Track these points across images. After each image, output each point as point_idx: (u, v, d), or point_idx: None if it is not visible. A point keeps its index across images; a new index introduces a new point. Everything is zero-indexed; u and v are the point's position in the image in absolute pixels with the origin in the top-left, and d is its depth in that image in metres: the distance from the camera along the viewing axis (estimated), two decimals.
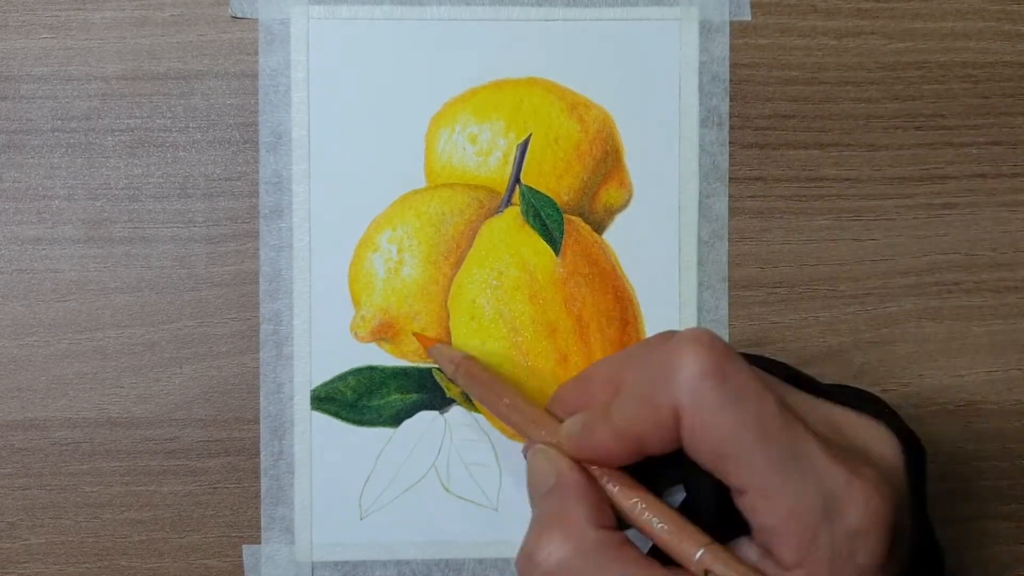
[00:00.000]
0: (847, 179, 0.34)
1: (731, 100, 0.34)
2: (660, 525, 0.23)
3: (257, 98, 0.34)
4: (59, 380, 0.33)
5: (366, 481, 0.34)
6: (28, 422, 0.33)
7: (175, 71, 0.34)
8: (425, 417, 0.34)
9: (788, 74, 0.34)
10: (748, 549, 0.23)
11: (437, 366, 0.34)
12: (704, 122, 0.34)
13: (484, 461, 0.34)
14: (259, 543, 0.33)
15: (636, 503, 0.24)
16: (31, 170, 0.34)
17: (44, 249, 0.34)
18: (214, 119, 0.34)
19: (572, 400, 0.27)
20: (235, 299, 0.34)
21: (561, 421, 0.26)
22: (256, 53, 0.34)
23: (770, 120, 0.34)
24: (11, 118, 0.34)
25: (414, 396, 0.34)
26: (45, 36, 0.34)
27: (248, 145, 0.34)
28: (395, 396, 0.34)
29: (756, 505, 0.22)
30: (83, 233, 0.34)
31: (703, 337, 0.23)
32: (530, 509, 0.26)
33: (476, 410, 0.34)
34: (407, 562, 0.34)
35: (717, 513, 0.24)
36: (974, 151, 0.35)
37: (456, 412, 0.34)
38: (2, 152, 0.34)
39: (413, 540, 0.34)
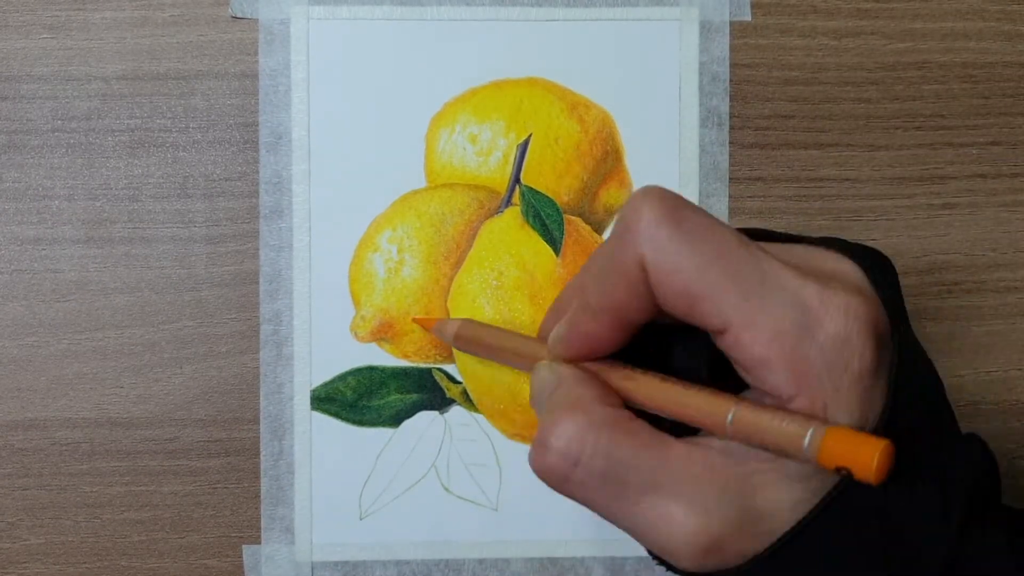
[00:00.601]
0: (847, 179, 0.34)
1: (731, 100, 0.34)
2: (680, 396, 0.23)
3: (257, 98, 0.34)
4: (59, 380, 0.33)
5: (366, 481, 0.34)
6: (28, 422, 0.33)
7: (175, 71, 0.34)
8: (425, 417, 0.34)
9: (788, 74, 0.34)
10: None
11: (437, 366, 0.34)
12: (704, 122, 0.34)
13: (484, 461, 0.34)
14: (259, 543, 0.33)
15: (648, 380, 0.24)
16: (31, 170, 0.34)
17: (44, 249, 0.34)
18: (214, 119, 0.34)
19: (553, 320, 0.27)
20: (235, 299, 0.34)
21: None
22: (256, 53, 0.34)
23: (770, 120, 0.34)
24: (11, 118, 0.34)
25: (414, 396, 0.34)
26: (45, 36, 0.34)
27: (248, 145, 0.34)
28: (395, 396, 0.34)
29: (739, 339, 0.22)
30: (83, 233, 0.34)
31: (653, 190, 0.23)
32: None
33: (476, 410, 0.34)
34: (407, 562, 0.34)
35: (710, 379, 0.24)
36: (974, 151, 0.35)
37: (456, 412, 0.34)
38: (2, 152, 0.34)
39: (413, 540, 0.34)
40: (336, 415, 0.34)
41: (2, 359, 0.33)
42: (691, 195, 0.34)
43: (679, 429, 0.23)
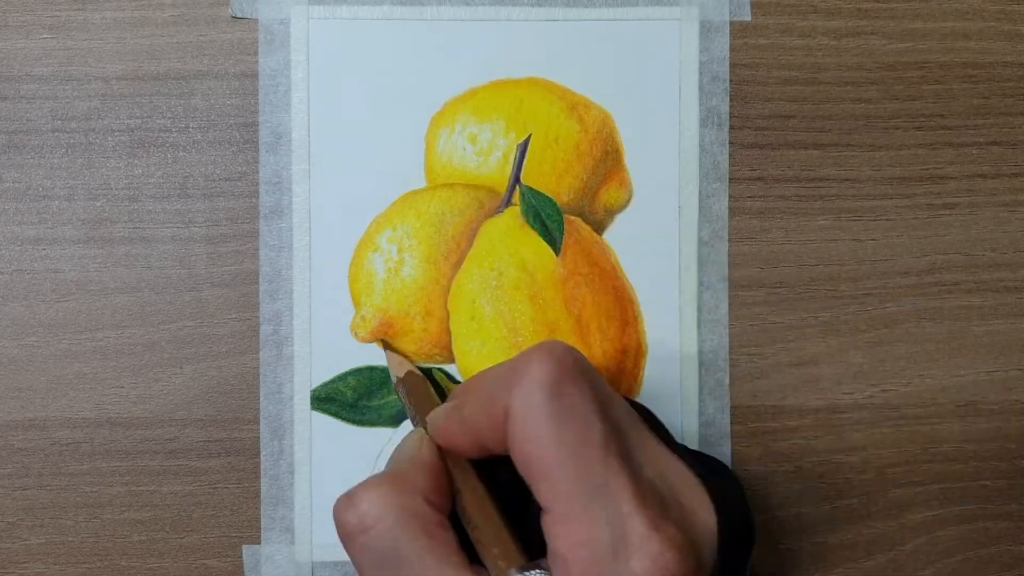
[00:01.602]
0: (847, 179, 0.34)
1: (731, 100, 0.34)
2: (480, 524, 0.24)
3: (257, 98, 0.34)
4: (59, 380, 0.33)
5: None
6: (28, 422, 0.33)
7: (175, 71, 0.34)
8: None
9: (788, 74, 0.34)
10: None
11: (437, 366, 0.34)
12: (704, 122, 0.34)
13: None
14: (259, 543, 0.33)
15: (468, 491, 0.24)
16: (31, 170, 0.34)
17: (44, 249, 0.34)
18: (214, 119, 0.34)
19: (460, 390, 0.28)
20: (235, 299, 0.34)
21: None
22: (256, 53, 0.34)
23: (770, 120, 0.34)
24: (11, 118, 0.34)
25: None
26: (45, 36, 0.34)
27: (248, 145, 0.34)
28: (395, 396, 0.34)
29: (553, 528, 0.22)
30: (83, 233, 0.34)
31: (556, 349, 0.23)
32: None
33: None
34: None
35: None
36: (974, 151, 0.35)
37: None
38: (2, 152, 0.34)
39: None
40: (336, 415, 0.34)
41: (2, 359, 0.33)
42: (691, 195, 0.34)
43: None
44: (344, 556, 0.33)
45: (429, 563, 0.22)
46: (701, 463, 0.25)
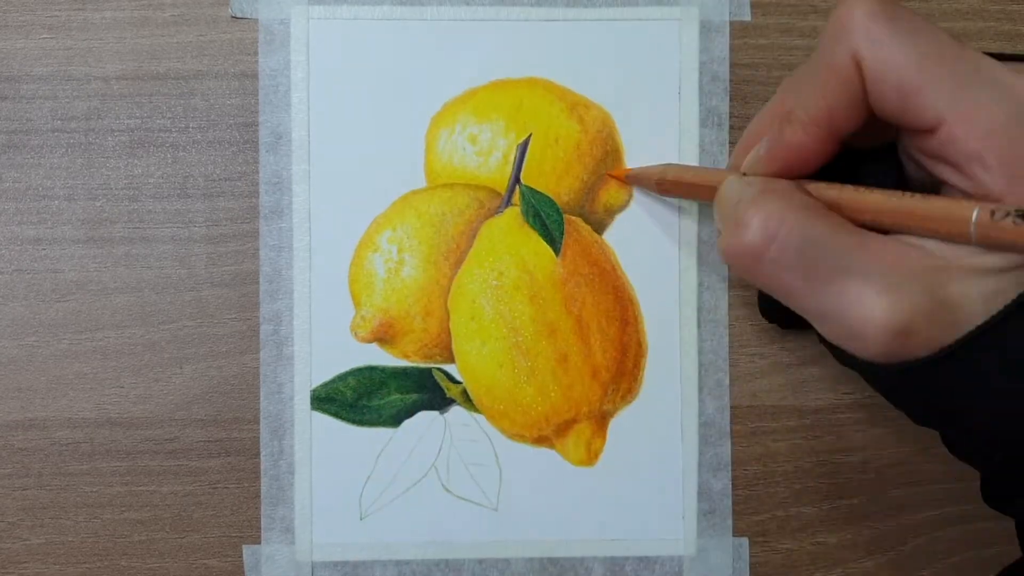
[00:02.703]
0: None
1: (731, 100, 0.34)
2: (909, 202, 0.23)
3: (257, 98, 0.34)
4: (59, 380, 0.33)
5: (366, 481, 0.34)
6: (28, 422, 0.33)
7: (175, 71, 0.34)
8: (425, 417, 0.34)
9: (788, 74, 0.34)
10: None
11: (437, 366, 0.34)
12: (704, 122, 0.34)
13: (484, 461, 0.34)
14: (259, 543, 0.33)
15: (860, 190, 0.23)
16: (31, 170, 0.34)
17: (44, 249, 0.34)
18: (214, 119, 0.34)
19: (743, 151, 0.26)
20: (235, 299, 0.34)
21: None
22: (256, 53, 0.34)
23: None
24: (11, 118, 0.34)
25: (414, 396, 0.34)
26: (45, 36, 0.34)
27: (248, 145, 0.34)
28: (395, 396, 0.34)
29: (952, 134, 0.21)
30: (83, 233, 0.34)
31: None
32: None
33: (476, 410, 0.34)
34: (407, 562, 0.34)
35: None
36: None
37: (456, 412, 0.34)
38: (2, 152, 0.34)
39: (413, 540, 0.34)
40: (336, 415, 0.34)
41: (2, 359, 0.33)
42: None
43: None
44: (344, 556, 0.33)
45: (848, 240, 0.22)
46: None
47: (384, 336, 0.34)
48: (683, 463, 0.34)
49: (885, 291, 0.21)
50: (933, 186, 0.24)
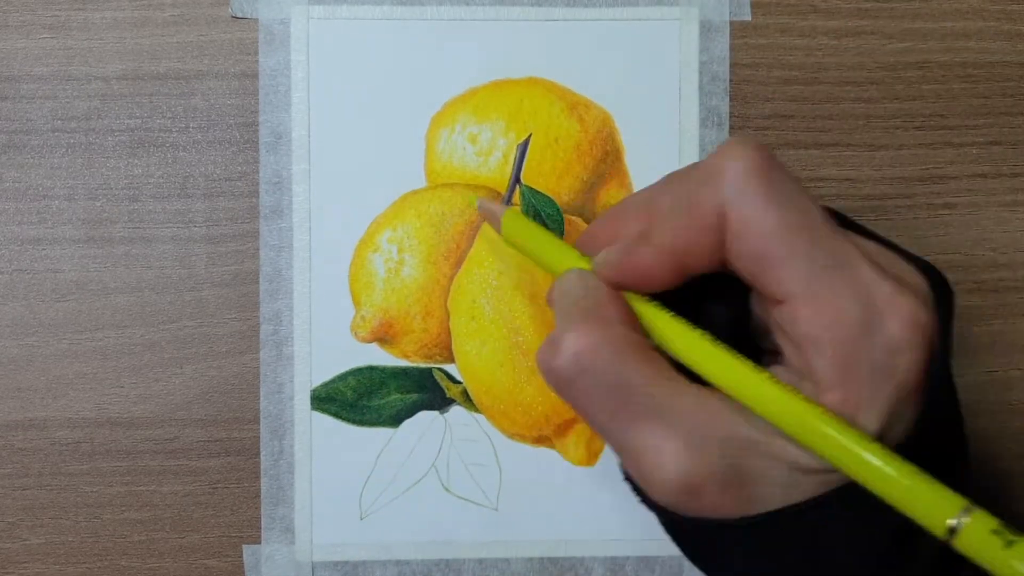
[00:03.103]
0: (847, 179, 0.34)
1: (731, 100, 0.34)
2: (715, 353, 0.22)
3: (257, 98, 0.34)
4: (59, 380, 0.33)
5: (366, 481, 0.34)
6: (28, 422, 0.33)
7: (175, 71, 0.34)
8: (425, 417, 0.34)
9: (788, 74, 0.34)
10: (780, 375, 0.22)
11: (437, 366, 0.34)
12: (704, 122, 0.34)
13: (484, 461, 0.34)
14: (259, 543, 0.33)
15: (684, 327, 0.23)
16: (31, 170, 0.34)
17: (44, 249, 0.34)
18: (214, 119, 0.34)
19: (605, 234, 0.25)
20: (235, 299, 0.34)
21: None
22: (256, 53, 0.34)
23: (770, 120, 0.34)
24: (11, 118, 0.34)
25: (414, 396, 0.34)
26: (45, 36, 0.34)
27: (248, 145, 0.34)
28: (395, 396, 0.34)
29: (797, 314, 0.21)
30: (83, 233, 0.34)
31: (748, 140, 0.22)
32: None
33: (476, 410, 0.34)
34: (407, 562, 0.34)
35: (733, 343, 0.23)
36: (974, 151, 0.35)
37: (456, 412, 0.34)
38: (2, 152, 0.34)
39: (413, 540, 0.34)
40: (336, 415, 0.34)
41: (2, 359, 0.33)
42: None
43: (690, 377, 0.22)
44: (344, 556, 0.33)
45: (661, 387, 0.22)
46: (884, 241, 0.25)
47: (384, 336, 0.34)
48: None
49: (685, 448, 0.21)
50: (771, 344, 0.23)
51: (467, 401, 0.34)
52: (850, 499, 0.21)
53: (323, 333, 0.34)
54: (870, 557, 0.21)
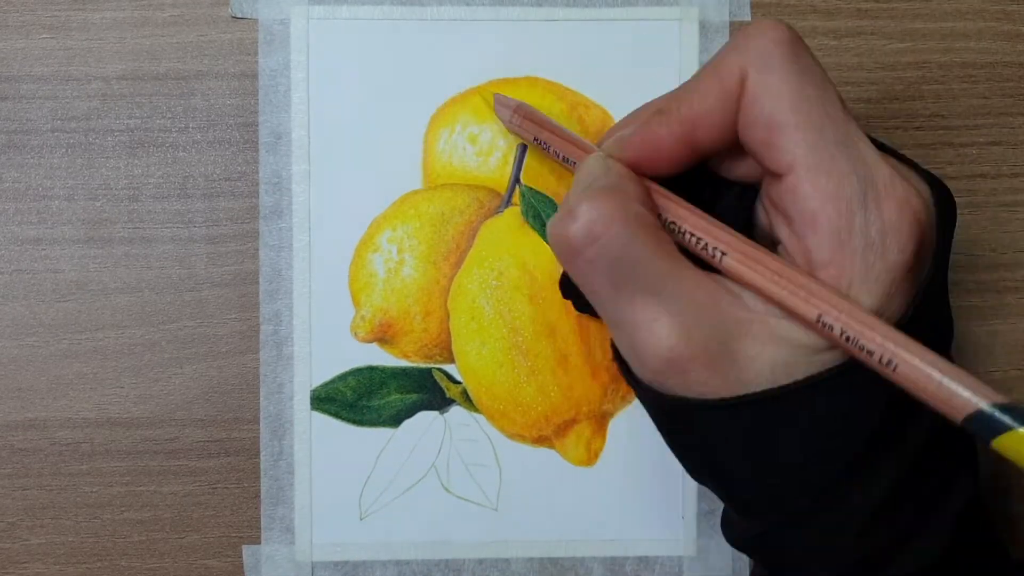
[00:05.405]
0: None
1: None
2: (724, 233, 0.23)
3: (257, 98, 0.34)
4: (59, 380, 0.33)
5: (366, 481, 0.34)
6: (28, 422, 0.33)
7: (175, 71, 0.34)
8: (425, 417, 0.34)
9: None
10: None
11: (437, 366, 0.34)
12: None
13: (484, 461, 0.34)
14: (259, 543, 0.33)
15: (693, 211, 0.23)
16: (31, 170, 0.34)
17: (44, 249, 0.34)
18: (214, 119, 0.34)
19: (619, 128, 0.26)
20: (235, 299, 0.34)
21: None
22: (256, 53, 0.34)
23: None
24: (11, 118, 0.34)
25: (414, 396, 0.34)
26: (45, 36, 0.34)
27: (248, 145, 0.34)
28: (395, 396, 0.34)
29: (798, 187, 0.21)
30: (83, 233, 0.34)
31: (778, 22, 0.23)
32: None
33: (476, 410, 0.34)
34: (407, 562, 0.34)
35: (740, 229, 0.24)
36: (974, 151, 0.35)
37: (456, 412, 0.34)
38: (2, 152, 0.34)
39: (413, 540, 0.34)
40: (336, 415, 0.34)
41: (2, 359, 0.33)
42: None
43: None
44: (344, 556, 0.33)
45: (664, 265, 0.22)
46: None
47: (384, 336, 0.34)
48: None
49: (678, 323, 0.22)
50: (771, 245, 0.24)
51: (467, 401, 0.34)
52: (846, 378, 0.21)
53: (323, 333, 0.34)
54: (860, 434, 0.21)
